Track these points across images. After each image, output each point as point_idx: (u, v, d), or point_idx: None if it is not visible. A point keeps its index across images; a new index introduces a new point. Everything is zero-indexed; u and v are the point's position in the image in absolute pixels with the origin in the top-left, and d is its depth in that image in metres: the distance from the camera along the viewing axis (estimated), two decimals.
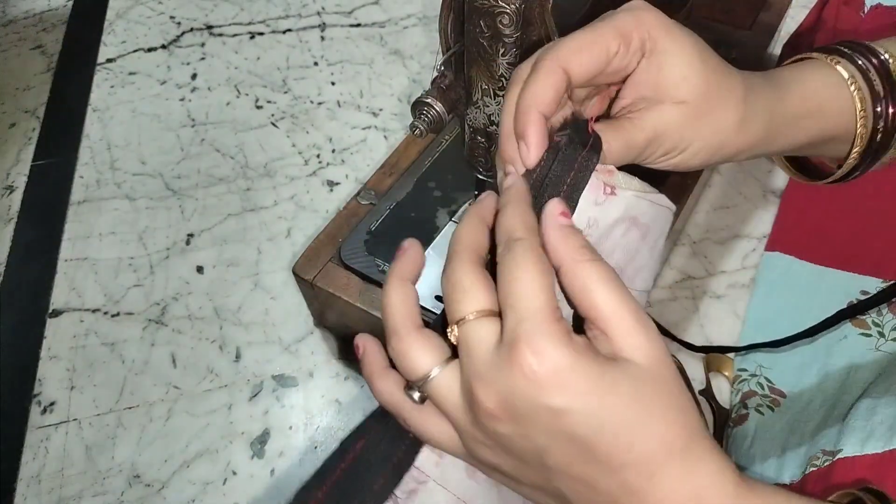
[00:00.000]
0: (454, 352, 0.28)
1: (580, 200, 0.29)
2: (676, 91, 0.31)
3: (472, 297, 0.27)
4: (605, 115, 0.35)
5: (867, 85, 0.36)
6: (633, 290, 0.32)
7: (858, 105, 0.36)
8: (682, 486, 0.25)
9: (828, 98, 0.36)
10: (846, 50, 0.37)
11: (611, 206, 0.29)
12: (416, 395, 0.28)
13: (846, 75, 0.36)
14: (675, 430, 0.25)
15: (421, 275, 0.30)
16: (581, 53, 0.30)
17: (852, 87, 0.36)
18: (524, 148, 0.30)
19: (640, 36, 0.31)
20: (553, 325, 0.25)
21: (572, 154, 0.29)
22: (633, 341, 0.26)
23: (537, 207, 0.28)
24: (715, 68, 0.33)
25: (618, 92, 0.34)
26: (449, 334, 0.27)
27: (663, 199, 0.32)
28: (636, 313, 0.26)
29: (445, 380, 0.27)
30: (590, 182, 0.28)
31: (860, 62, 0.36)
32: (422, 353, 0.28)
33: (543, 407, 0.24)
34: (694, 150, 0.33)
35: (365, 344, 0.32)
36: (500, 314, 0.26)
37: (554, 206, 0.28)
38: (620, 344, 0.26)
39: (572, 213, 0.29)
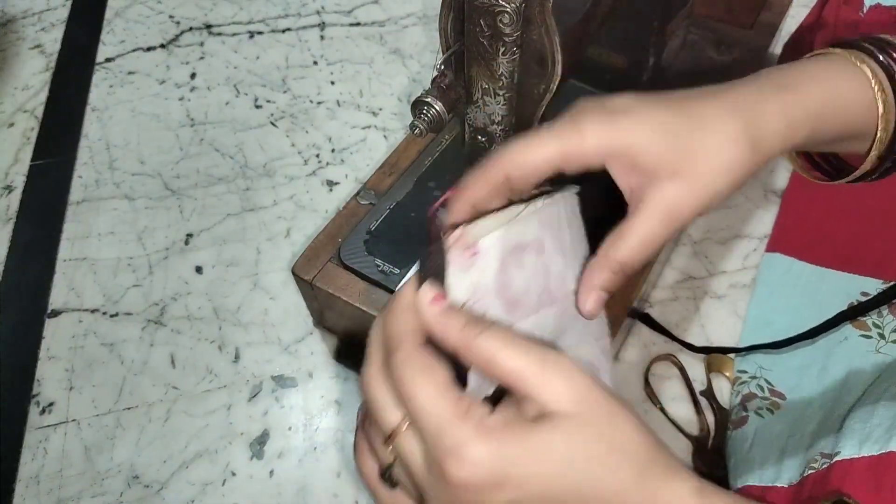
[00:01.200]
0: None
1: (450, 279, 0.28)
2: (660, 170, 0.31)
3: (395, 407, 0.27)
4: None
5: (890, 83, 0.35)
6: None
7: (881, 108, 0.35)
8: None
9: (849, 96, 0.35)
10: (868, 45, 0.36)
11: (482, 261, 0.29)
12: (388, 485, 0.29)
13: (869, 74, 0.35)
14: (622, 472, 0.26)
15: None
16: (521, 166, 0.31)
17: (875, 88, 0.35)
18: (446, 215, 0.33)
19: (593, 146, 0.31)
20: (461, 429, 0.25)
21: (425, 251, 0.29)
22: (551, 393, 0.26)
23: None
24: (689, 122, 0.31)
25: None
26: (386, 449, 0.28)
27: (539, 203, 0.31)
28: (543, 363, 0.26)
29: (408, 444, 0.27)
30: (449, 260, 0.28)
31: (882, 59, 0.35)
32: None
33: None
34: (718, 194, 0.31)
35: (364, 417, 0.32)
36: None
37: (424, 296, 0.28)
38: (542, 400, 0.26)
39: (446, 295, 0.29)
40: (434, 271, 0.28)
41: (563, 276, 0.33)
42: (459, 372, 0.28)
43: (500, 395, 0.29)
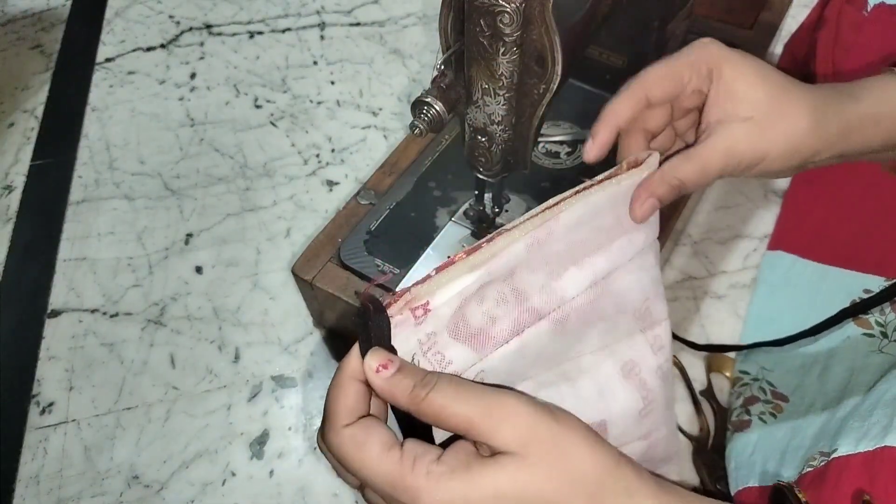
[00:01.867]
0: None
1: (396, 340, 0.29)
2: (741, 109, 0.35)
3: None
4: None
5: None
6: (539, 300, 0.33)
7: None
8: None
9: None
10: None
11: (439, 313, 0.30)
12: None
13: None
14: (574, 501, 0.27)
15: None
16: (659, 80, 0.37)
17: None
18: (590, 143, 0.37)
19: (708, 65, 0.36)
20: (412, 482, 0.27)
21: (364, 326, 0.30)
22: (499, 438, 0.27)
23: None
24: (777, 84, 0.36)
25: (699, 122, 0.38)
26: (366, 495, 0.30)
27: (497, 241, 0.31)
28: (489, 410, 0.28)
29: (374, 498, 0.29)
30: (396, 322, 0.29)
31: None
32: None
33: None
34: (771, 158, 0.36)
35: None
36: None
37: (369, 365, 0.29)
38: (491, 444, 0.27)
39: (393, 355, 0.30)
40: (378, 336, 0.29)
41: (550, 288, 0.33)
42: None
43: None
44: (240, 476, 0.50)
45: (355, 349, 0.29)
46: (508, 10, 0.34)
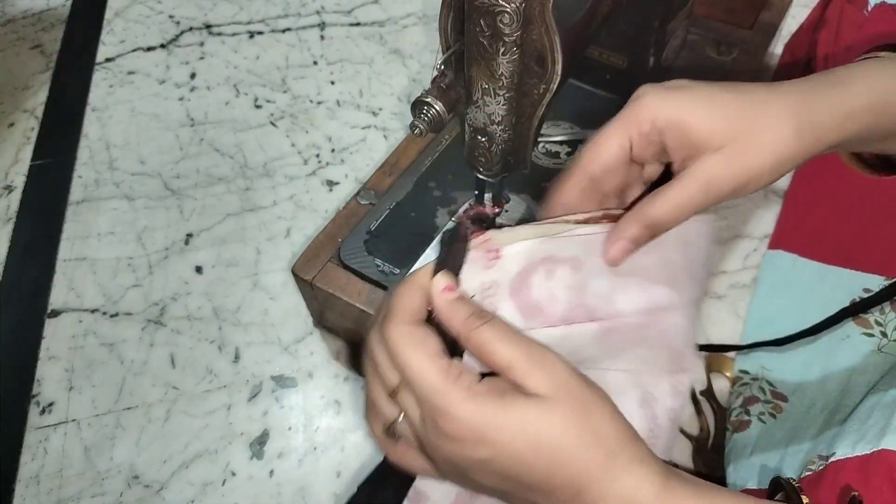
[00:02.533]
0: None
1: (465, 273, 0.32)
2: (709, 143, 0.33)
3: (394, 369, 0.31)
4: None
5: None
6: (631, 310, 0.34)
7: None
8: (605, 499, 0.29)
9: (893, 93, 0.36)
10: None
11: (504, 264, 0.32)
12: (392, 439, 0.33)
13: None
14: (591, 452, 0.29)
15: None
16: (596, 158, 0.35)
17: None
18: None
19: (648, 120, 0.34)
20: (450, 390, 0.29)
21: (447, 247, 0.33)
22: (533, 380, 0.29)
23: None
24: (739, 101, 0.34)
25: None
26: (390, 404, 0.32)
27: (582, 230, 0.33)
28: (529, 355, 0.29)
29: (407, 401, 0.31)
30: (470, 257, 0.32)
31: None
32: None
33: (474, 460, 0.29)
34: (759, 177, 0.33)
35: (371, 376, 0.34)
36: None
37: (437, 283, 0.31)
38: (526, 385, 0.29)
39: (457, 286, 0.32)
40: (452, 263, 0.31)
41: (610, 297, 0.34)
42: (457, 350, 0.31)
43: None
44: (240, 476, 0.50)
45: (429, 266, 0.32)
46: (508, 10, 0.34)
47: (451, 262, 0.32)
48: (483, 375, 0.30)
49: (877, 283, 0.51)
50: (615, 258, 0.34)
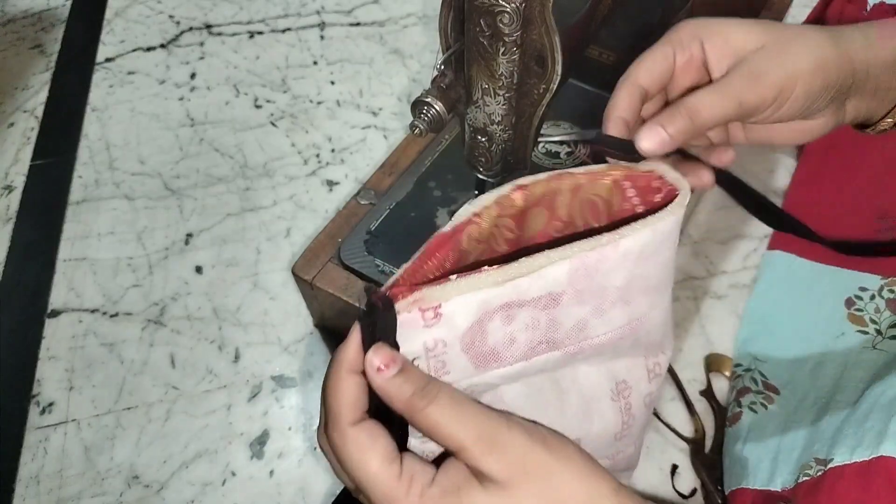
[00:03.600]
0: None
1: (401, 338, 0.28)
2: (749, 44, 0.34)
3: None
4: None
5: None
6: (600, 336, 0.31)
7: None
8: None
9: None
10: None
11: (447, 321, 0.28)
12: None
13: None
14: None
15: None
16: (645, 70, 0.35)
17: None
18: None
19: (693, 34, 0.35)
20: (404, 501, 0.27)
21: (370, 320, 0.28)
22: (487, 466, 0.27)
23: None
24: (777, 24, 0.35)
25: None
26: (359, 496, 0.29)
27: (549, 271, 0.29)
28: (481, 438, 0.27)
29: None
30: (403, 321, 0.27)
31: None
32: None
33: None
34: (801, 70, 0.33)
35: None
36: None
37: (370, 363, 0.27)
38: (480, 469, 0.27)
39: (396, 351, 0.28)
40: (382, 332, 0.28)
41: (583, 327, 0.31)
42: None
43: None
44: (240, 476, 0.50)
45: (354, 340, 0.28)
46: (508, 10, 0.34)
47: (380, 331, 0.28)
48: (437, 459, 0.29)
49: (873, 282, 0.51)
50: (647, 148, 0.32)
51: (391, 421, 0.29)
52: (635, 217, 0.30)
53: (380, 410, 0.29)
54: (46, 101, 0.76)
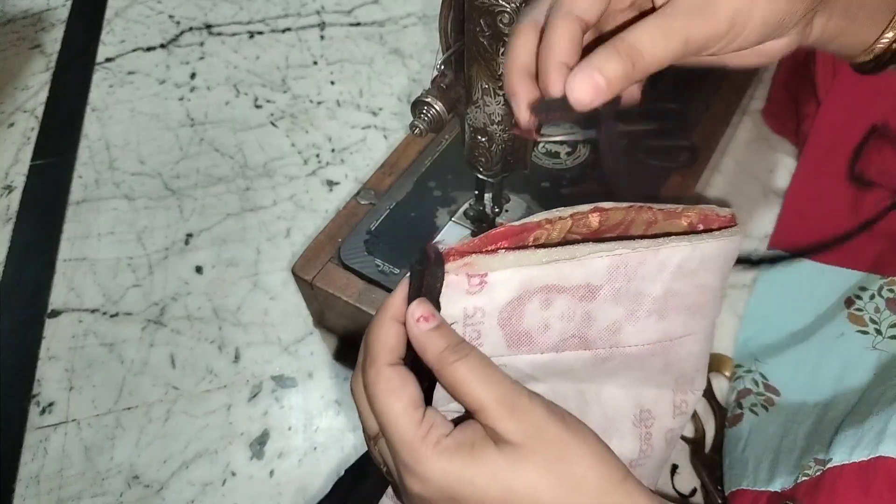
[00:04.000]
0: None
1: (444, 298, 0.29)
2: None
3: (373, 416, 0.30)
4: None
5: None
6: (643, 345, 0.31)
7: None
8: None
9: None
10: None
11: (491, 290, 0.29)
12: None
13: None
14: (566, 503, 0.27)
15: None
16: None
17: None
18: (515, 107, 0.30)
19: None
20: (419, 447, 0.28)
21: (419, 275, 0.30)
22: (505, 426, 0.28)
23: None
24: None
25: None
26: (374, 448, 0.31)
27: (592, 261, 0.29)
28: (503, 401, 0.28)
29: (384, 448, 0.30)
30: (449, 282, 0.29)
31: None
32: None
33: None
34: (752, 1, 0.27)
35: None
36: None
37: (412, 313, 0.29)
38: (497, 430, 0.28)
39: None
40: (429, 288, 0.29)
41: (617, 329, 0.31)
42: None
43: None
44: (240, 476, 0.50)
45: (401, 290, 0.30)
46: (508, 10, 0.34)
47: (427, 286, 0.29)
48: (456, 420, 0.30)
49: (872, 281, 0.51)
50: (584, 100, 0.26)
51: (422, 375, 0.30)
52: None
53: (413, 364, 0.30)
54: (46, 101, 0.76)
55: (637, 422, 0.35)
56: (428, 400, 0.30)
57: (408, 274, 0.30)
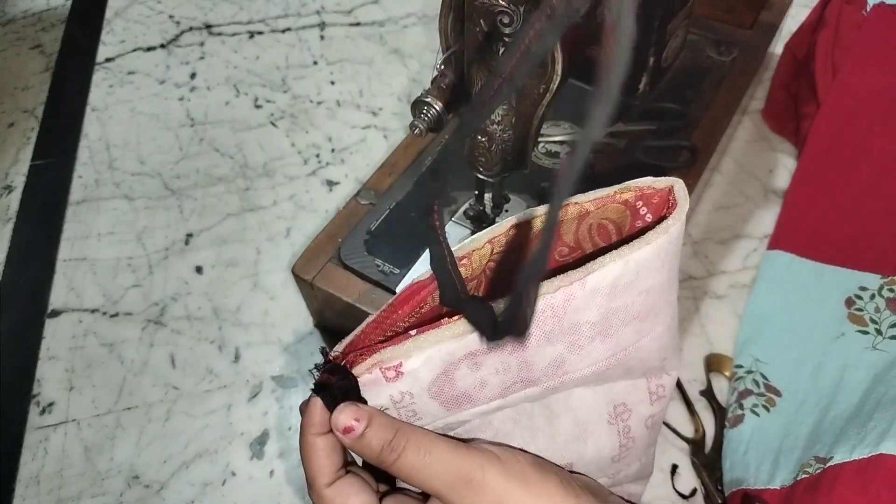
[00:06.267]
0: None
1: (368, 392, 0.28)
2: None
3: (319, 473, 0.29)
4: None
5: None
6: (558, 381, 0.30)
7: None
8: None
9: None
10: None
11: (410, 377, 0.27)
12: None
13: None
14: None
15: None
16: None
17: None
18: None
19: None
20: None
21: (329, 393, 0.28)
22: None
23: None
24: None
25: None
26: None
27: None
28: (453, 485, 0.27)
29: None
30: (364, 381, 0.27)
31: None
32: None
33: None
34: None
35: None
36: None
37: (336, 424, 0.27)
38: None
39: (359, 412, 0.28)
40: (344, 393, 0.28)
41: (560, 364, 0.29)
42: None
43: None
44: (240, 476, 0.50)
45: (316, 405, 0.28)
46: (508, 10, 0.34)
47: (340, 393, 0.28)
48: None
49: (872, 281, 0.51)
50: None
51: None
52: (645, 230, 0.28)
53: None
54: (46, 101, 0.76)
55: (613, 418, 0.33)
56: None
57: (313, 388, 0.29)
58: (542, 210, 0.31)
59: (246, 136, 0.71)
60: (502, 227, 0.31)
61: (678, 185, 0.30)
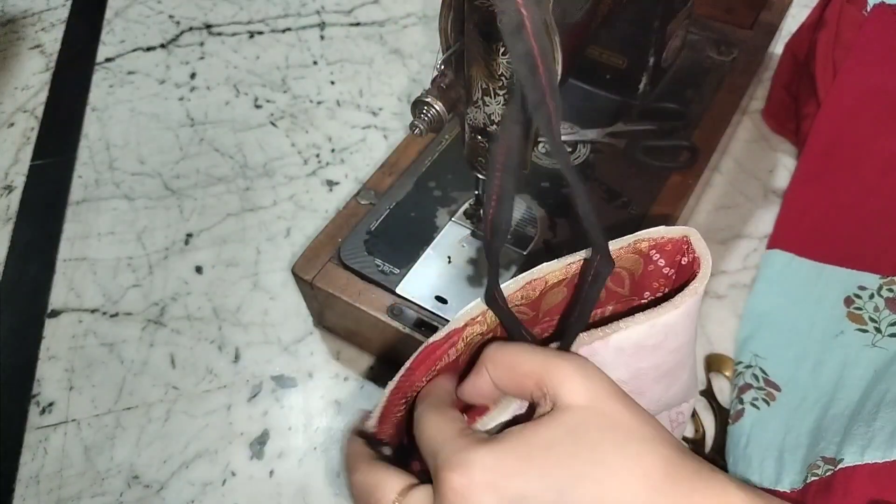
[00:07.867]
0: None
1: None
2: None
3: (386, 485, 0.27)
4: None
5: None
6: None
7: None
8: None
9: None
10: None
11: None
12: None
13: None
14: (645, 465, 0.23)
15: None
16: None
17: None
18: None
19: None
20: (461, 441, 0.25)
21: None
22: (569, 389, 0.25)
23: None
24: None
25: None
26: None
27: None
28: (560, 361, 0.26)
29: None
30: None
31: None
32: (385, 482, 0.28)
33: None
34: None
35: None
36: (419, 483, 0.27)
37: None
38: (560, 394, 0.25)
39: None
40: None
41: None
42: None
43: None
44: (240, 476, 0.50)
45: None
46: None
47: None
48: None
49: (871, 280, 0.51)
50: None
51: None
52: (659, 275, 0.29)
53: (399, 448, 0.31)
54: (46, 101, 0.76)
55: None
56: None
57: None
58: (558, 264, 0.30)
59: (246, 136, 0.71)
60: (519, 281, 0.30)
61: (694, 236, 0.30)
